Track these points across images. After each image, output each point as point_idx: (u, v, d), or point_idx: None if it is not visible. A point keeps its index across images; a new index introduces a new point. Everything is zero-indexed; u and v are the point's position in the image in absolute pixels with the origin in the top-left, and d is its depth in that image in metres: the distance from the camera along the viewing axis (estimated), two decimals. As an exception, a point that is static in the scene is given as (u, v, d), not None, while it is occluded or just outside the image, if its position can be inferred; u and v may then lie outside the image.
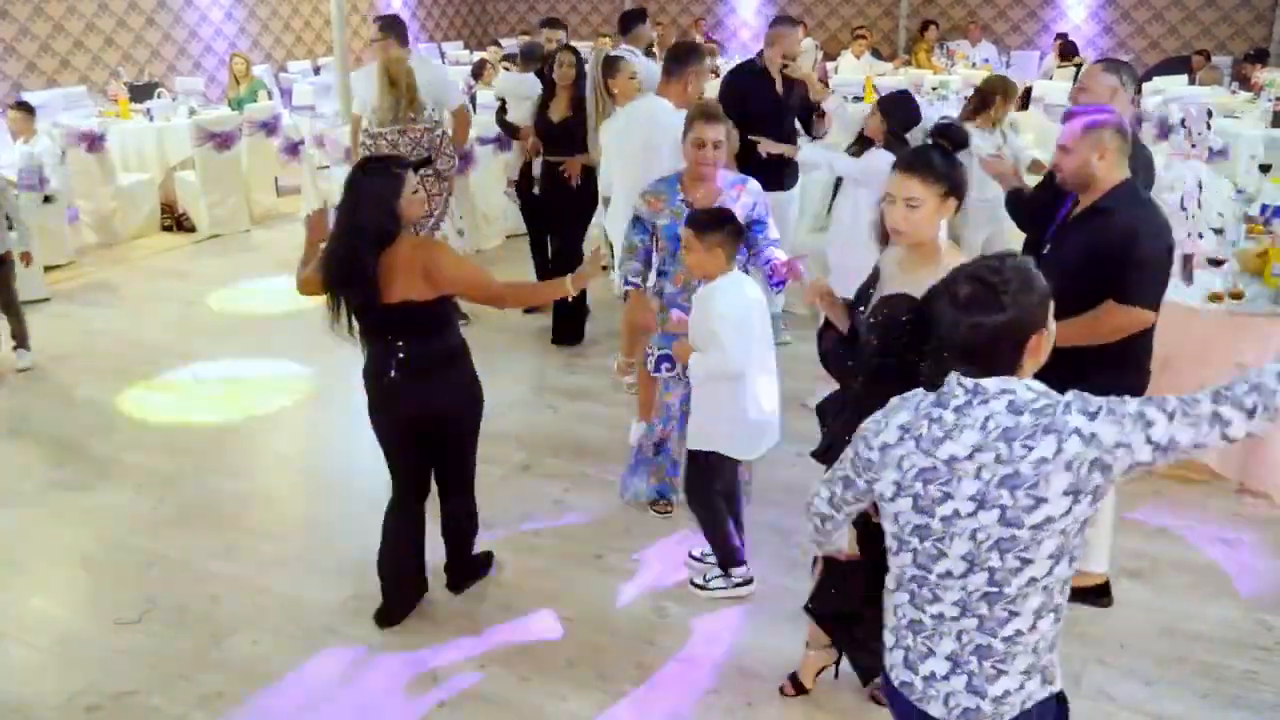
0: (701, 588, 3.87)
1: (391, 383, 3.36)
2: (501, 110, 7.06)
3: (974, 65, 12.87)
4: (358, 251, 3.20)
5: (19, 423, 5.49)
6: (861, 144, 5.15)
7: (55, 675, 3.51)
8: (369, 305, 3.26)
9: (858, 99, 9.77)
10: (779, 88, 5.49)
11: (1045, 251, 3.38)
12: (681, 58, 4.72)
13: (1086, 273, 3.17)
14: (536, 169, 6.28)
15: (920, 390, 2.02)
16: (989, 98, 5.74)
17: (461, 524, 3.81)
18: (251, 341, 6.52)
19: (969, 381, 1.91)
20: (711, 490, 3.73)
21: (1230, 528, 4.32)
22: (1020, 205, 4.00)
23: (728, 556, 3.81)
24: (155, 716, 3.31)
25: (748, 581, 3.83)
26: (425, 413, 3.44)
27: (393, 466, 3.60)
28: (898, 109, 5.03)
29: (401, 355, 3.34)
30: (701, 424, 3.65)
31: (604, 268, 7.47)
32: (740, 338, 3.46)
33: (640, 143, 4.60)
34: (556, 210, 6.23)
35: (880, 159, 4.93)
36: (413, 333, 3.34)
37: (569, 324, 6.34)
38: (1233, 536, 4.26)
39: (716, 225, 3.50)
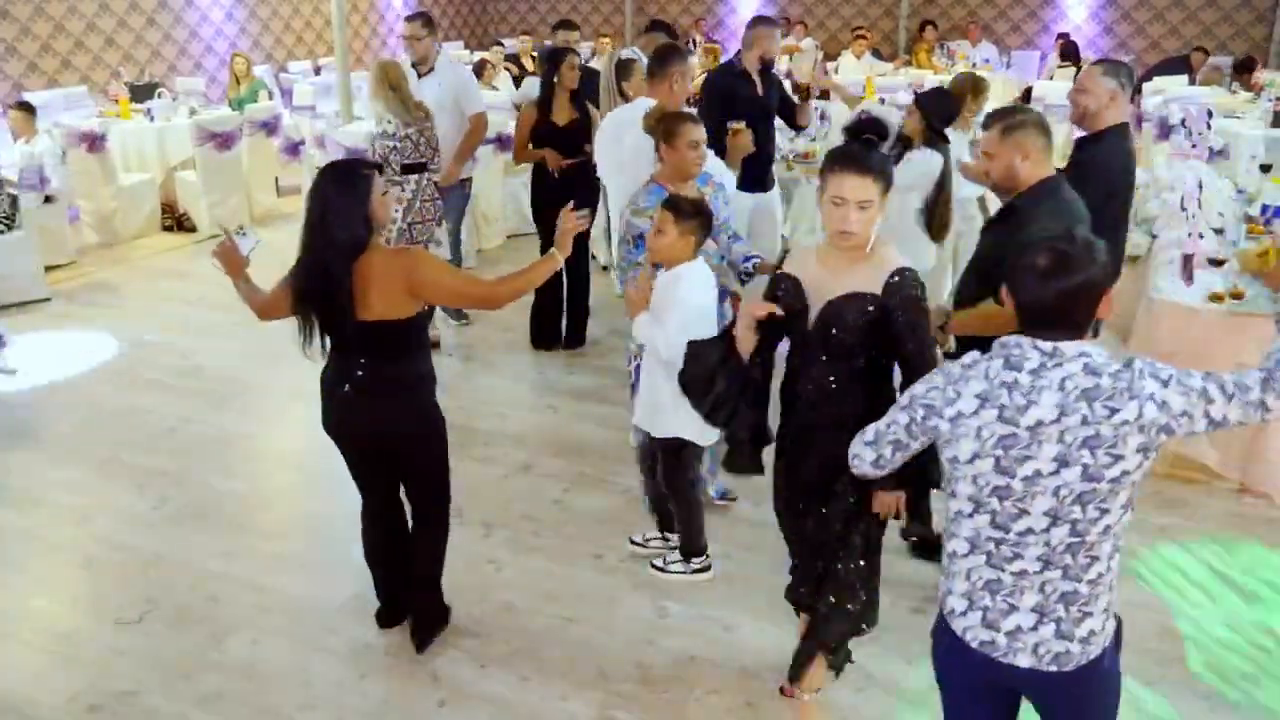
0: (661, 570, 3.99)
1: (344, 397, 3.21)
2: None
3: (974, 65, 12.86)
4: (332, 265, 3.02)
5: (20, 422, 5.49)
6: (901, 145, 5.11)
7: (56, 675, 3.51)
8: (343, 323, 3.09)
9: (860, 99, 9.77)
10: (759, 88, 5.47)
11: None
12: (664, 58, 4.71)
13: (993, 270, 3.14)
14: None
15: (977, 355, 2.12)
16: (960, 98, 5.59)
17: (429, 551, 3.55)
18: (252, 341, 6.51)
19: (1046, 345, 2.02)
20: (688, 480, 3.84)
21: (1231, 527, 4.32)
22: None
23: (695, 546, 3.94)
24: (155, 716, 3.32)
25: (707, 568, 3.96)
26: (374, 432, 3.28)
27: (353, 479, 3.47)
28: (937, 105, 5.00)
29: (360, 374, 3.17)
30: (659, 409, 3.71)
31: (605, 267, 7.51)
32: (687, 332, 3.44)
33: (631, 146, 4.59)
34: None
35: (928, 159, 4.92)
36: (380, 354, 3.18)
37: (572, 326, 6.33)
38: (1233, 536, 4.26)
39: (695, 213, 3.57)
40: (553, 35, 7.16)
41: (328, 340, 3.20)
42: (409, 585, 3.59)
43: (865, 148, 2.72)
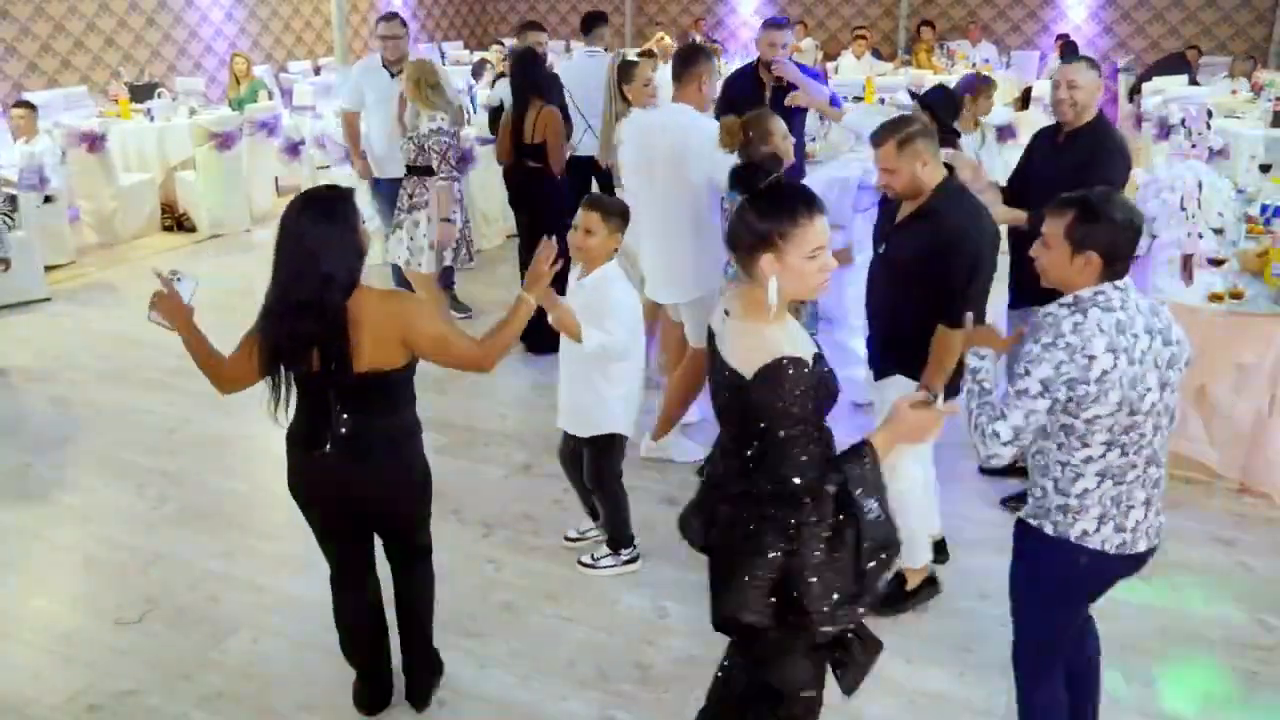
0: (591, 566, 4.04)
1: (322, 459, 2.81)
2: (496, 114, 7.11)
3: (974, 65, 12.86)
4: (329, 307, 2.63)
5: (20, 422, 5.49)
6: None
7: (56, 675, 3.51)
8: (338, 374, 2.69)
9: (858, 99, 9.77)
10: (766, 91, 5.45)
11: (881, 251, 3.56)
12: (688, 60, 4.67)
13: (919, 271, 3.32)
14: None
15: (1068, 310, 2.42)
16: (963, 98, 5.54)
17: (422, 598, 3.25)
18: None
19: (1123, 282, 2.42)
20: (615, 474, 3.92)
21: (1231, 527, 4.32)
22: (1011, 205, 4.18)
23: (623, 537, 4.02)
24: (155, 716, 3.31)
25: (635, 559, 4.04)
26: (360, 496, 2.91)
27: (323, 549, 3.09)
28: (945, 103, 4.99)
29: (344, 430, 2.78)
30: (591, 408, 3.76)
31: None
32: (634, 323, 3.68)
33: (665, 152, 4.52)
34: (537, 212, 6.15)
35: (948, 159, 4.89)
36: (368, 407, 2.80)
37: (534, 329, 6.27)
38: (1233, 536, 4.26)
39: (619, 211, 3.65)
40: (519, 36, 6.85)
41: (291, 393, 2.81)
42: (405, 648, 3.27)
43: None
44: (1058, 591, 2.64)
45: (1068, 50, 12.55)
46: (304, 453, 2.88)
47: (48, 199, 7.64)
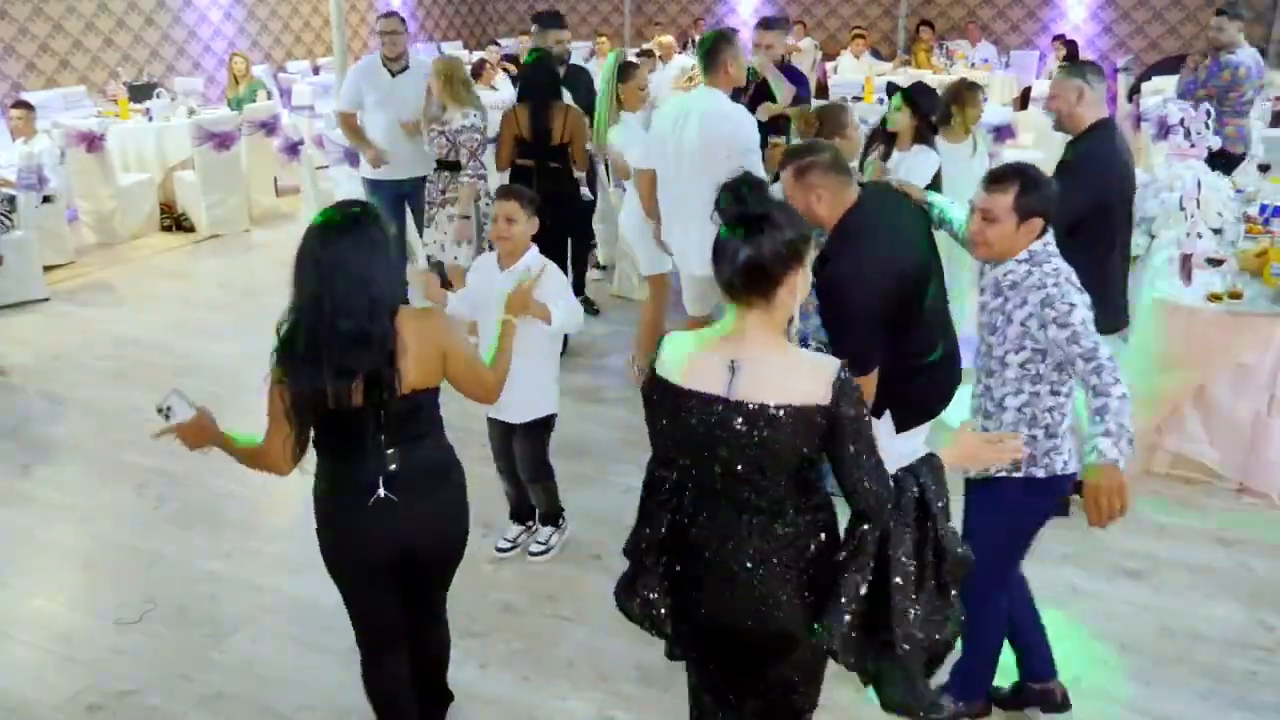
0: (544, 552, 4.14)
1: (378, 505, 2.53)
2: None
3: (973, 65, 12.88)
4: (375, 333, 2.39)
5: (20, 422, 5.49)
6: (886, 143, 5.04)
7: (56, 675, 3.51)
8: (384, 405, 2.46)
9: (857, 99, 9.78)
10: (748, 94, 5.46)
11: None
12: (714, 48, 4.69)
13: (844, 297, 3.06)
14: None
15: (1028, 266, 2.67)
16: (948, 105, 5.34)
17: (440, 656, 3.09)
18: (252, 342, 6.51)
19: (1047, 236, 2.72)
20: (547, 455, 4.02)
21: (1230, 528, 4.32)
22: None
23: (557, 509, 4.20)
24: (155, 716, 3.32)
25: (565, 525, 4.25)
26: (409, 541, 2.63)
27: (362, 615, 2.77)
28: (931, 103, 4.96)
29: (394, 468, 2.53)
30: (531, 394, 3.80)
31: (602, 266, 7.50)
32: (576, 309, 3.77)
33: (699, 133, 4.57)
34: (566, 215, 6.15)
35: (928, 157, 4.82)
36: (414, 436, 2.58)
37: None
38: (1233, 536, 4.26)
39: (534, 200, 3.75)
40: (541, 34, 6.50)
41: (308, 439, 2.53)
42: (422, 693, 3.01)
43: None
44: (1036, 526, 2.86)
45: (1068, 52, 12.57)
46: (350, 505, 2.56)
47: (46, 199, 7.63)
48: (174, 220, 9.34)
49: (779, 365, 2.06)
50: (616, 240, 6.89)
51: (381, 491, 2.52)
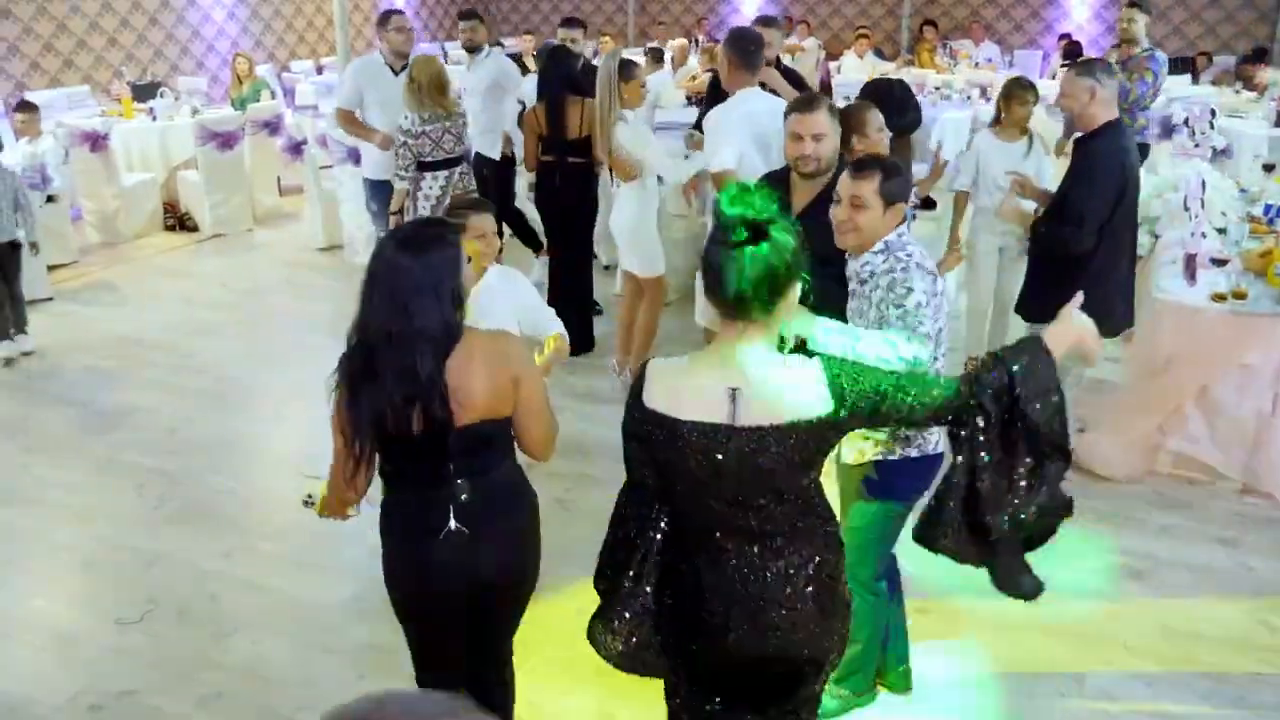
0: None
1: (450, 538, 2.40)
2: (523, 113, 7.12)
3: (976, 65, 12.83)
4: (421, 363, 2.25)
5: (20, 421, 5.49)
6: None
7: (56, 675, 3.51)
8: (440, 435, 2.32)
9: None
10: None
11: None
12: (755, 45, 4.72)
13: None
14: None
15: (883, 255, 2.78)
16: (998, 103, 5.30)
17: (504, 705, 2.90)
18: (254, 341, 6.52)
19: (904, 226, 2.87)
20: None
21: (1233, 528, 4.31)
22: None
23: None
24: (156, 716, 3.31)
25: None
26: (484, 574, 2.49)
27: (422, 652, 2.72)
28: (876, 94, 4.92)
29: (466, 498, 2.40)
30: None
31: (605, 266, 7.49)
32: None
33: (750, 138, 4.56)
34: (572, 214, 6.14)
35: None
36: (484, 467, 2.44)
37: (581, 330, 6.25)
38: (1235, 537, 4.24)
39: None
40: (568, 32, 6.78)
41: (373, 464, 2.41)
42: None
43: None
44: (911, 505, 2.89)
45: (1071, 51, 12.55)
46: (420, 540, 2.44)
47: (50, 199, 7.63)
48: (177, 220, 9.34)
49: (779, 383, 1.98)
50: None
51: (453, 523, 2.40)
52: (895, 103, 4.51)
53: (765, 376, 1.98)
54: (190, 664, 3.54)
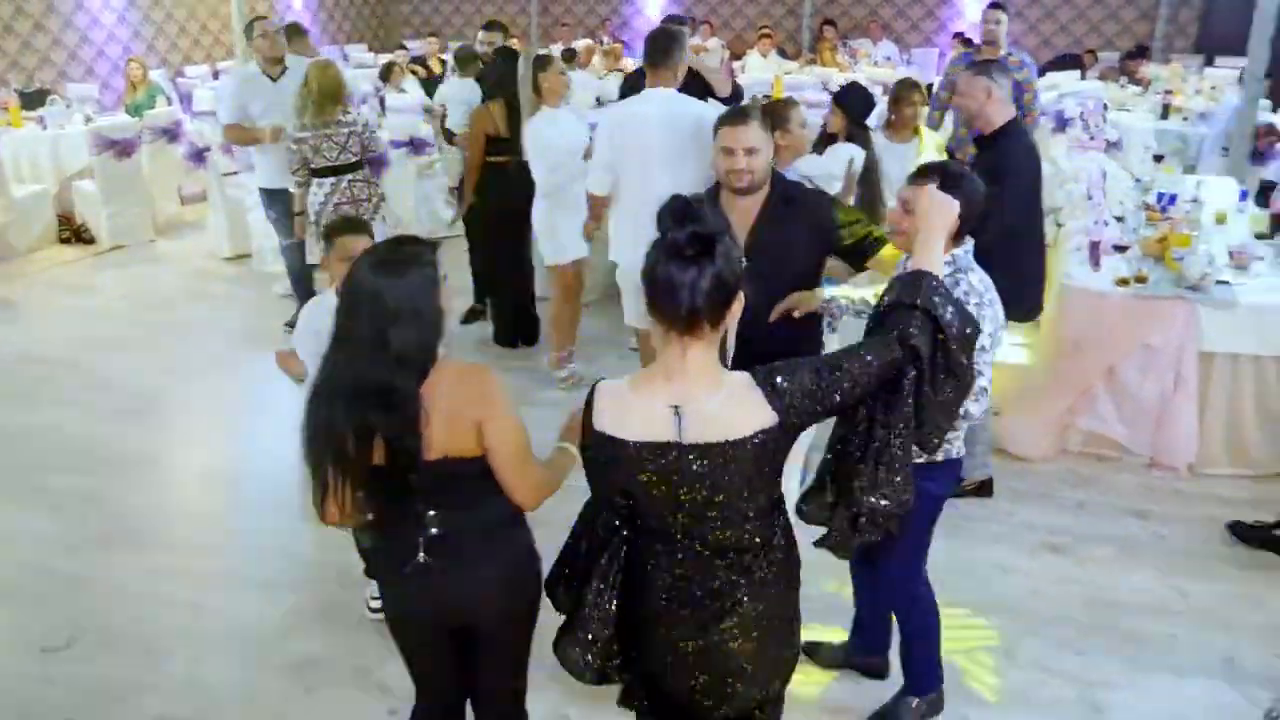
0: None
1: (418, 569, 2.32)
2: (444, 117, 7.11)
3: (875, 63, 13.18)
4: (398, 392, 2.15)
5: (-81, 448, 5.23)
6: (825, 141, 5.14)
7: (-20, 708, 3.37)
8: (407, 468, 2.22)
9: (767, 97, 9.92)
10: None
11: None
12: (668, 45, 4.59)
13: None
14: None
15: (950, 270, 2.67)
16: (889, 106, 5.38)
17: None
18: (163, 355, 6.31)
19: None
20: None
21: (1143, 501, 4.53)
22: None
23: None
24: (92, 744, 3.21)
25: None
26: (458, 607, 2.43)
27: (414, 677, 2.63)
28: (854, 100, 5.06)
29: (435, 530, 2.31)
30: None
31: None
32: None
33: (663, 145, 4.40)
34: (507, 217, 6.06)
35: (843, 151, 4.94)
36: (453, 498, 2.32)
37: (525, 323, 6.31)
38: (1146, 508, 4.46)
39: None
40: (489, 35, 6.91)
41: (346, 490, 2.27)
42: None
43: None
44: (939, 506, 2.97)
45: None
46: (392, 570, 2.39)
47: (-65, 213, 7.29)
48: (73, 232, 8.98)
49: (722, 400, 1.96)
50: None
51: (421, 556, 2.31)
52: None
53: (709, 395, 1.96)
54: (126, 688, 3.43)
